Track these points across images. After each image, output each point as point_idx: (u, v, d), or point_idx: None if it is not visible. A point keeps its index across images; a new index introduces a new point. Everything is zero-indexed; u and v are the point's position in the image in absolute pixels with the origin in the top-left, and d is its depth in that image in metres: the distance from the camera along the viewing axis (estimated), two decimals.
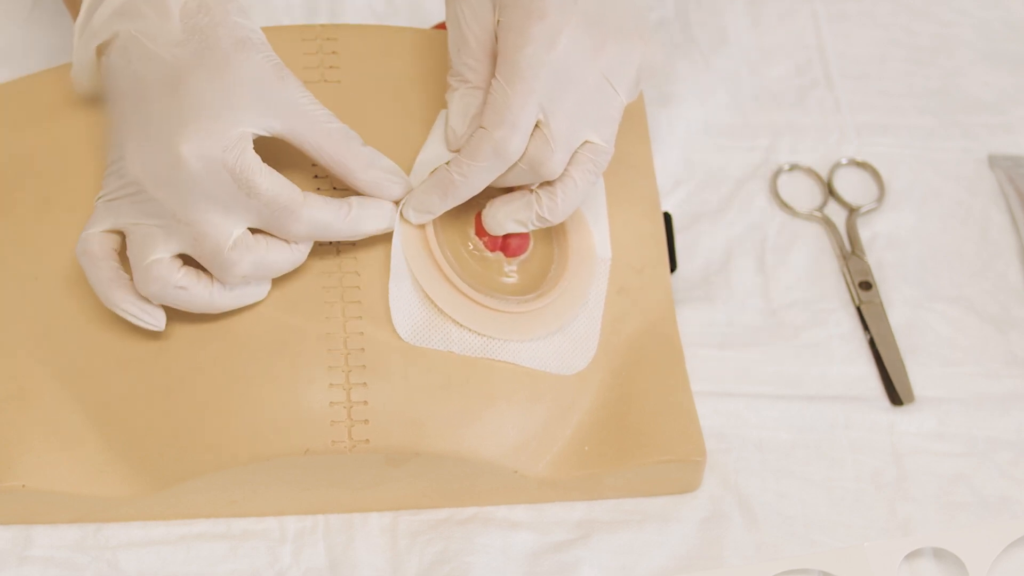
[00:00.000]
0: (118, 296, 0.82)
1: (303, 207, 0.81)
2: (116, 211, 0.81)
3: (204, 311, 0.82)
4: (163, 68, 0.81)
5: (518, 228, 0.85)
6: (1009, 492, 0.91)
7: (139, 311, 0.82)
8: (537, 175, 0.83)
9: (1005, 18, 1.11)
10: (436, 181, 0.84)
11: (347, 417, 0.83)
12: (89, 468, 0.84)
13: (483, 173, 0.83)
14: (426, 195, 0.84)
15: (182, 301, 0.81)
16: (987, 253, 1.00)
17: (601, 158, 0.84)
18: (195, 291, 0.81)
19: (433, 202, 0.84)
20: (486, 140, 0.82)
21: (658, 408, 0.88)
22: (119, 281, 0.82)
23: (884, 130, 1.05)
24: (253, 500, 0.86)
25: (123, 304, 0.82)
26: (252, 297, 0.83)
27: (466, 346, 0.85)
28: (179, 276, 0.81)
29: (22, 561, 0.85)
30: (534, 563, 0.87)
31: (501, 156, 0.82)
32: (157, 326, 0.82)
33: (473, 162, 0.82)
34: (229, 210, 0.80)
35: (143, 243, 0.80)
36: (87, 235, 0.82)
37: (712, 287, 0.98)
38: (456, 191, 0.84)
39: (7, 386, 0.84)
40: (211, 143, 0.79)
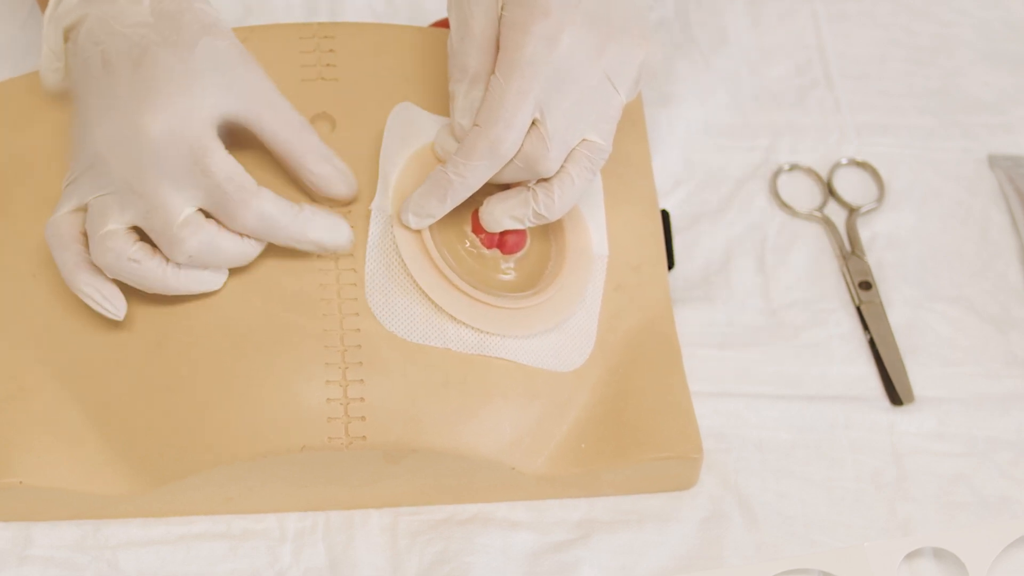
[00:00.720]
0: (81, 279, 0.82)
1: (254, 196, 0.81)
2: (79, 189, 0.82)
3: (156, 290, 0.82)
4: (130, 46, 0.81)
5: (515, 225, 0.85)
6: (1009, 492, 0.91)
7: (99, 295, 0.82)
8: (533, 172, 0.84)
9: (1005, 18, 1.11)
10: (433, 183, 0.84)
11: (344, 414, 0.83)
12: (88, 465, 0.84)
13: (479, 172, 0.83)
14: (424, 198, 0.84)
15: (135, 275, 0.81)
16: (987, 253, 1.00)
17: (598, 156, 0.84)
18: (147, 265, 0.81)
19: (432, 205, 0.84)
20: (481, 138, 0.82)
21: (655, 405, 0.88)
22: (83, 264, 0.82)
23: (884, 130, 1.05)
24: (251, 497, 0.86)
25: (84, 287, 0.82)
26: (205, 284, 0.83)
27: (463, 343, 0.85)
28: (133, 249, 0.81)
29: (22, 561, 0.85)
30: (534, 563, 0.87)
31: (496, 154, 0.82)
32: (116, 314, 0.82)
33: (468, 161, 0.83)
34: (183, 187, 0.80)
35: (99, 214, 0.81)
36: (55, 219, 0.82)
37: (712, 287, 0.98)
38: (454, 192, 0.84)
39: (6, 384, 0.85)
40: (174, 117, 0.80)
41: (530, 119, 0.82)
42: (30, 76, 0.91)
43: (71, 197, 0.82)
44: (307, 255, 0.85)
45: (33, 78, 0.91)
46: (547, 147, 0.82)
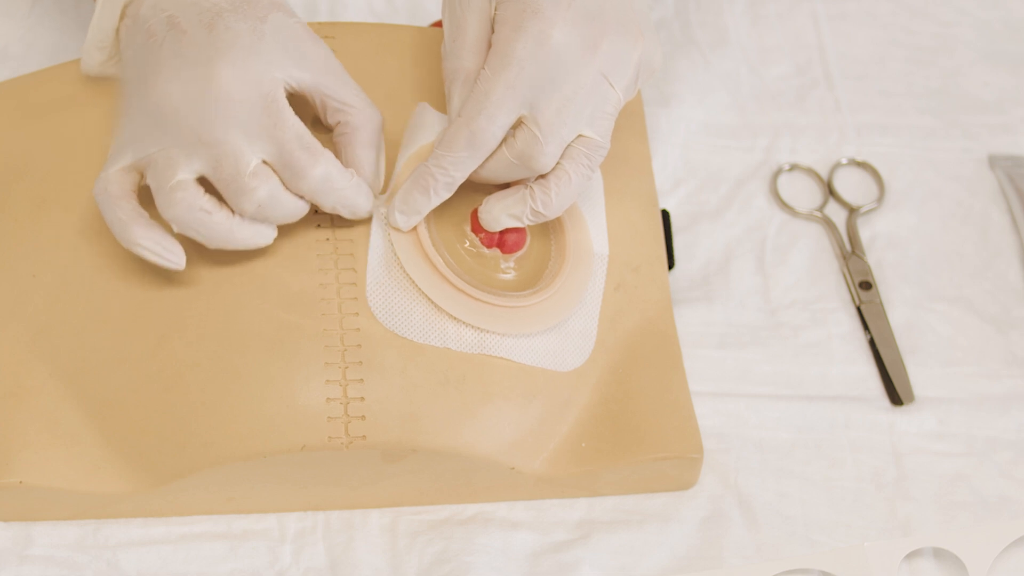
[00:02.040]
0: (138, 234, 0.82)
1: (322, 156, 0.82)
2: (136, 144, 0.82)
3: (220, 243, 0.82)
4: (201, 12, 0.82)
5: (514, 223, 0.85)
6: (1009, 492, 0.91)
7: (159, 247, 0.82)
8: (529, 169, 0.84)
9: (1005, 18, 1.11)
10: (415, 179, 0.84)
11: (344, 413, 0.83)
12: (87, 465, 0.84)
13: (460, 164, 0.83)
14: (408, 194, 0.85)
15: (204, 227, 0.82)
16: (987, 253, 1.00)
17: (596, 152, 0.84)
18: (216, 217, 0.82)
19: (416, 200, 0.84)
20: (462, 129, 0.82)
21: (655, 405, 0.88)
22: (138, 219, 0.82)
23: (884, 130, 1.05)
24: (251, 497, 0.86)
25: (143, 241, 0.82)
26: (264, 237, 0.83)
27: (463, 342, 0.85)
28: (204, 199, 0.81)
29: (22, 560, 0.85)
30: (534, 563, 0.87)
31: (476, 146, 0.82)
32: (177, 263, 0.82)
33: (448, 153, 0.83)
34: (253, 138, 0.81)
35: (166, 166, 0.81)
36: (106, 175, 0.82)
37: (712, 287, 0.98)
38: (436, 185, 0.84)
39: (5, 383, 0.85)
40: (248, 72, 0.81)
41: (515, 114, 0.82)
42: (30, 76, 0.91)
43: (124, 153, 0.82)
44: (307, 255, 0.85)
45: (32, 79, 0.91)
46: (541, 142, 0.82)
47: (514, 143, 0.83)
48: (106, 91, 0.89)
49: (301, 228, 0.86)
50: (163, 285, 0.85)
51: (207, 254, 0.85)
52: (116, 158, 0.82)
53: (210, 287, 0.84)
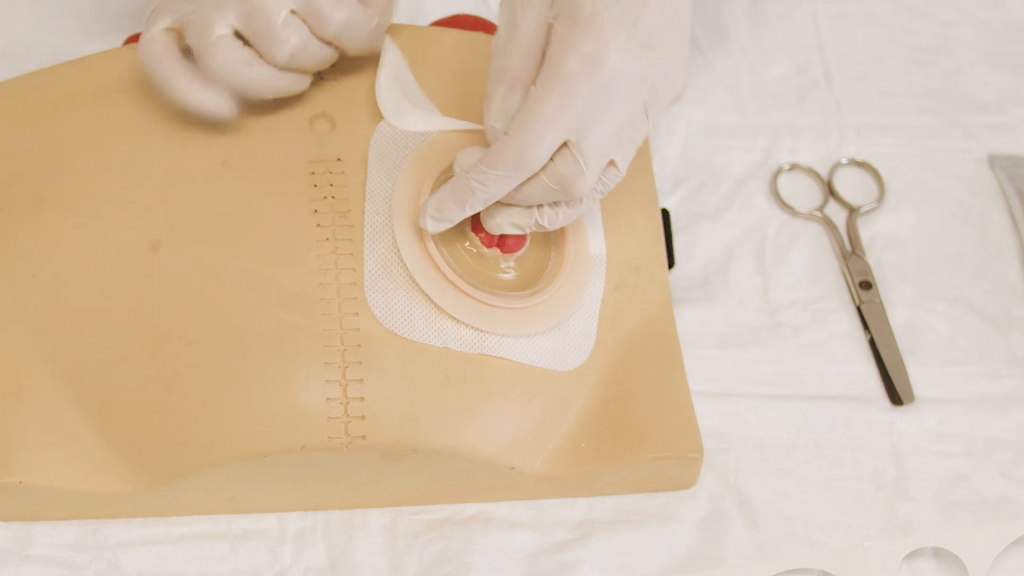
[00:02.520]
0: (186, 86, 0.85)
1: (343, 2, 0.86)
2: (173, 5, 0.85)
3: (260, 92, 0.86)
4: None
5: (514, 231, 0.85)
6: (1009, 492, 0.91)
7: (209, 96, 0.85)
8: (566, 194, 0.82)
9: (1005, 18, 1.11)
10: (454, 189, 0.83)
11: (343, 413, 0.83)
12: (87, 464, 0.84)
13: (501, 182, 0.82)
14: (444, 203, 0.83)
15: (246, 78, 0.85)
16: (987, 253, 1.00)
17: (612, 181, 0.83)
18: (256, 68, 0.85)
19: (451, 210, 0.83)
20: (508, 148, 0.81)
21: (655, 405, 0.88)
22: (186, 72, 0.86)
23: (884, 130, 1.05)
24: (251, 497, 0.86)
25: (193, 91, 0.86)
26: (300, 84, 0.88)
27: (463, 342, 0.85)
28: (245, 52, 0.85)
29: (22, 560, 0.85)
30: (534, 563, 0.87)
31: (521, 166, 0.81)
32: (227, 110, 0.86)
33: (492, 170, 0.81)
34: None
35: (204, 24, 0.85)
36: (149, 35, 0.86)
37: (712, 287, 0.98)
38: (474, 199, 0.83)
39: (5, 383, 0.85)
40: None
41: (562, 137, 0.81)
42: (30, 76, 0.91)
43: (164, 15, 0.86)
44: (307, 254, 0.85)
45: (31, 78, 0.91)
46: (582, 170, 0.81)
47: (554, 168, 0.82)
48: (106, 91, 0.89)
49: (300, 227, 0.86)
50: (163, 285, 0.85)
51: (207, 253, 0.85)
52: (158, 19, 0.86)
53: (210, 287, 0.84)
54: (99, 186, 0.87)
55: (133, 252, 0.85)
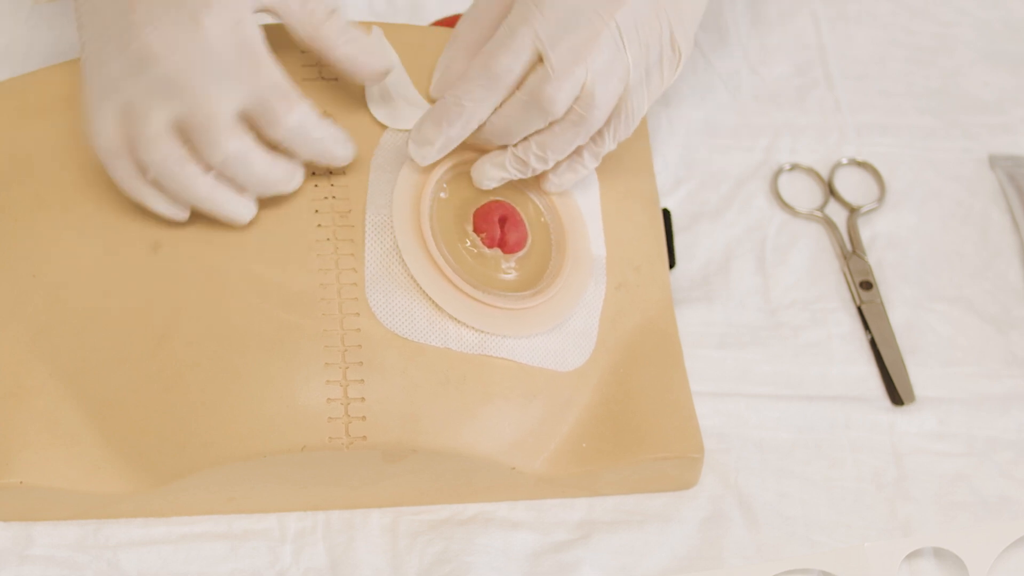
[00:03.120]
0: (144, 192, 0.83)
1: (299, 102, 0.82)
2: (115, 91, 0.82)
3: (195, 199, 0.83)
4: None
5: (498, 172, 0.86)
6: (1009, 492, 0.91)
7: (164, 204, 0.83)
8: (541, 109, 0.83)
9: (1005, 18, 1.11)
10: (432, 110, 0.85)
11: (344, 414, 0.83)
12: (87, 464, 0.84)
13: (477, 95, 0.83)
14: (422, 125, 0.85)
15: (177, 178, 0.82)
16: (987, 253, 1.00)
17: (590, 111, 0.84)
18: (190, 169, 0.82)
19: (429, 130, 0.85)
20: (480, 60, 0.83)
21: (656, 405, 0.88)
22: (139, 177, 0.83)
23: (884, 130, 1.05)
24: (251, 497, 0.86)
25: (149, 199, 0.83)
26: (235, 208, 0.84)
27: (463, 343, 0.85)
28: (181, 150, 0.82)
29: (23, 560, 0.85)
30: (534, 563, 0.87)
31: (492, 77, 0.83)
32: (181, 216, 0.84)
33: (465, 83, 0.84)
34: (230, 85, 0.81)
35: (144, 112, 0.81)
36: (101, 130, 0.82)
37: (712, 287, 0.98)
38: (452, 118, 0.84)
39: (5, 383, 0.85)
40: (228, 14, 0.81)
41: (530, 46, 0.83)
42: (30, 76, 0.91)
43: (106, 101, 0.82)
44: (307, 255, 0.85)
45: (30, 78, 0.91)
46: (552, 80, 0.83)
47: (527, 83, 0.83)
48: None
49: (301, 228, 0.86)
50: (163, 285, 0.85)
51: (207, 253, 0.85)
52: (100, 107, 0.82)
53: (210, 287, 0.84)
54: (99, 186, 0.87)
55: (133, 252, 0.85)
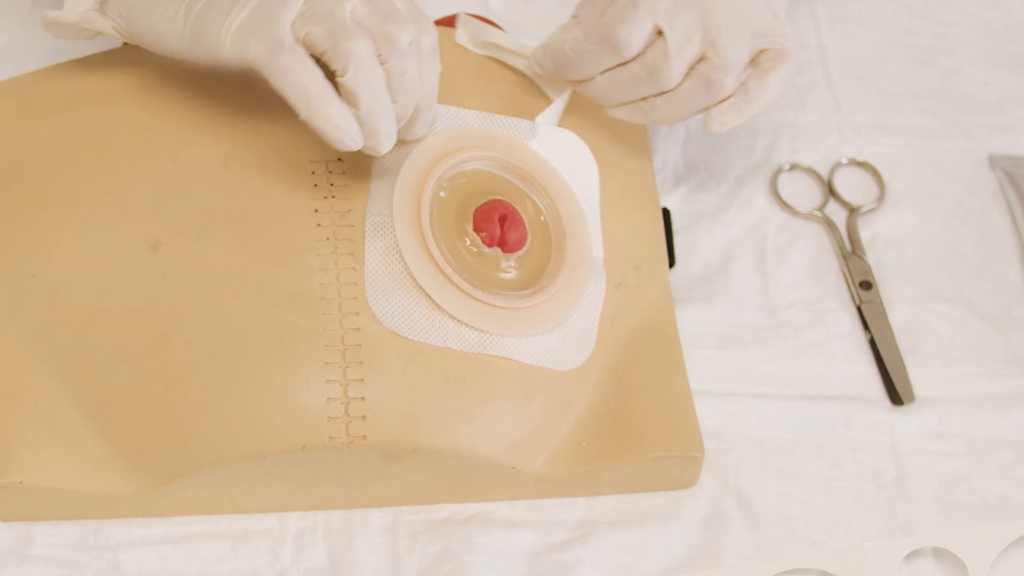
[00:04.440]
0: (334, 110, 0.81)
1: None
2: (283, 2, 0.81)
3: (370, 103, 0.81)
4: None
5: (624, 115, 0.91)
6: (1009, 492, 0.91)
7: (346, 124, 0.82)
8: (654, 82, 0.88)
9: (1005, 18, 1.11)
10: (550, 47, 0.90)
11: (344, 413, 0.83)
12: (87, 464, 0.84)
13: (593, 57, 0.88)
14: (542, 53, 0.90)
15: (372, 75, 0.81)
16: (987, 253, 1.00)
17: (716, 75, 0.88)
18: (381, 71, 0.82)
19: (546, 62, 0.90)
20: (599, 30, 0.87)
21: (656, 404, 0.88)
22: (330, 90, 0.81)
23: (884, 130, 1.05)
24: (252, 497, 0.86)
25: (337, 118, 0.81)
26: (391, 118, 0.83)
27: (463, 342, 0.85)
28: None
29: (23, 560, 0.85)
30: (534, 563, 0.87)
31: (611, 44, 0.87)
32: (355, 142, 0.82)
33: (586, 43, 0.88)
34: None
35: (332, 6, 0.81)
36: (280, 29, 0.80)
37: (712, 287, 0.98)
38: (563, 61, 0.89)
39: (5, 383, 0.85)
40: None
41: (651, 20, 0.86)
42: (30, 76, 0.91)
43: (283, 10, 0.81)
44: (307, 254, 0.85)
45: (30, 78, 0.91)
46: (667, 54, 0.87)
47: (645, 57, 0.87)
48: (106, 91, 0.90)
49: (301, 228, 0.86)
50: (163, 285, 0.85)
51: (207, 253, 0.85)
52: (264, 14, 0.81)
53: (210, 287, 0.84)
54: (99, 186, 0.87)
55: (133, 252, 0.85)
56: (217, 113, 0.88)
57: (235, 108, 0.88)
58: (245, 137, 0.88)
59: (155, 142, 0.88)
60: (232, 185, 0.87)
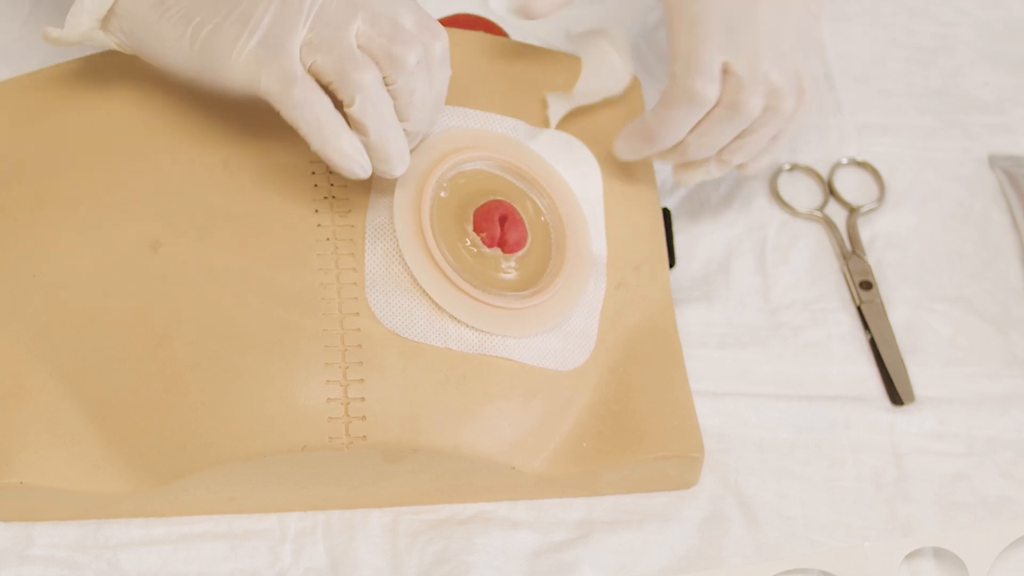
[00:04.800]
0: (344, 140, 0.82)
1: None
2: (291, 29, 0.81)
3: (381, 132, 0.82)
4: None
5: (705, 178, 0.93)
6: (1009, 492, 0.91)
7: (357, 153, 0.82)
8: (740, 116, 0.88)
9: (1005, 18, 1.11)
10: (639, 128, 0.90)
11: (344, 414, 0.83)
12: (87, 464, 0.84)
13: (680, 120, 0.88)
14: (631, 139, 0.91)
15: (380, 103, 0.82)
16: (987, 253, 1.00)
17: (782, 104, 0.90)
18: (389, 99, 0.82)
19: (639, 146, 0.91)
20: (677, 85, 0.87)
21: (656, 404, 0.88)
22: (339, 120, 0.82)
23: (884, 130, 1.05)
24: (252, 497, 0.86)
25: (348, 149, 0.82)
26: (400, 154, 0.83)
27: (463, 342, 0.85)
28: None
29: (23, 560, 0.85)
30: (534, 563, 0.87)
31: (694, 101, 0.87)
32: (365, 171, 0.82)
33: (668, 111, 0.88)
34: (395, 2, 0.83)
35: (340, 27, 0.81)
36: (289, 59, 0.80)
37: (712, 287, 0.98)
38: (650, 137, 0.90)
39: (5, 383, 0.84)
40: None
41: (720, 58, 0.87)
42: (30, 76, 0.91)
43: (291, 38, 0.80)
44: (307, 254, 0.85)
45: (30, 78, 0.91)
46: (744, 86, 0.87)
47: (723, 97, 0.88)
48: (106, 91, 0.89)
49: (301, 228, 0.86)
50: (163, 285, 0.85)
51: (207, 253, 0.85)
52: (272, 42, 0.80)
53: (210, 287, 0.84)
54: (99, 186, 0.87)
55: (133, 252, 0.85)
56: (217, 113, 0.88)
57: (235, 109, 0.88)
58: (245, 137, 0.88)
59: (155, 142, 0.88)
60: (232, 185, 0.87)
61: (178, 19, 0.82)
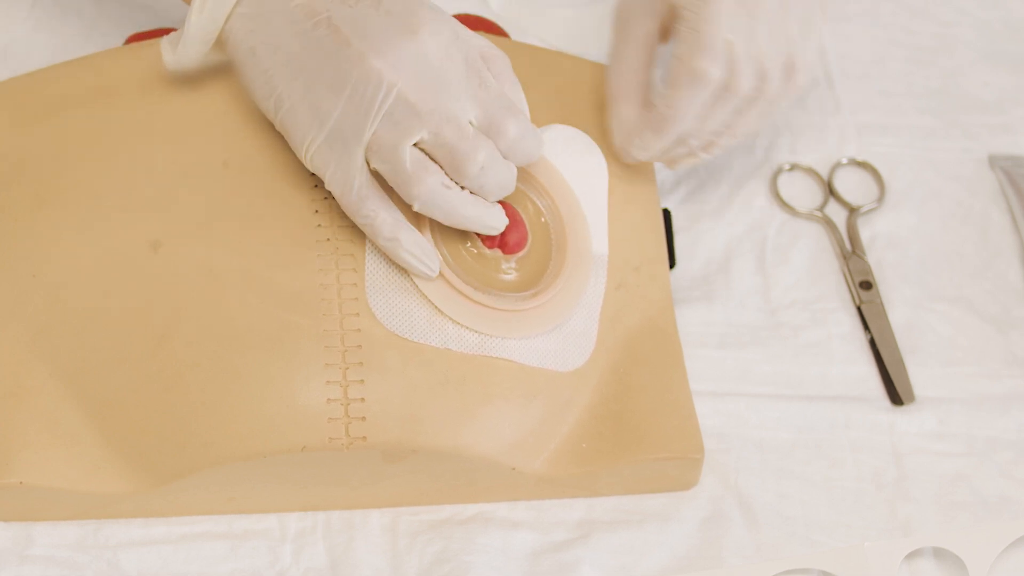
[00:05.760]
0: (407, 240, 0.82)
1: (515, 111, 0.83)
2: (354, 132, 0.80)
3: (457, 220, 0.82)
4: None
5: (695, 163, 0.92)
6: (1009, 492, 0.91)
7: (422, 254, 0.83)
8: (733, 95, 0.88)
9: (1005, 18, 1.11)
10: (646, 119, 0.89)
11: (344, 414, 0.83)
12: (87, 464, 0.84)
13: (686, 100, 0.87)
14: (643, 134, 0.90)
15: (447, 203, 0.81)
16: (987, 253, 1.00)
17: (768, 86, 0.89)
18: (454, 192, 0.82)
19: (651, 139, 0.90)
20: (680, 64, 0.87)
21: (656, 405, 0.88)
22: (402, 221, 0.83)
23: (884, 130, 1.05)
24: (252, 497, 0.86)
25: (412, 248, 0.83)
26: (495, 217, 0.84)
27: (464, 343, 0.85)
28: (443, 176, 0.81)
29: (23, 560, 0.85)
30: (534, 563, 0.87)
31: (697, 77, 0.87)
32: (433, 271, 0.84)
33: (674, 91, 0.87)
34: (462, 98, 0.81)
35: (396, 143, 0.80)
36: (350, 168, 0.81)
37: (712, 287, 0.98)
38: (666, 124, 0.89)
39: (5, 383, 0.84)
40: (445, 28, 0.82)
41: (724, 38, 0.86)
42: (30, 76, 0.91)
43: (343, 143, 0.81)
44: (307, 254, 0.85)
45: (33, 78, 0.91)
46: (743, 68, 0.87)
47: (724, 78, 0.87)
48: (107, 90, 0.89)
49: (301, 228, 0.86)
50: (163, 285, 0.85)
51: (207, 253, 0.85)
52: (339, 155, 0.81)
53: (210, 287, 0.84)
54: (99, 186, 0.87)
55: (133, 252, 0.85)
56: (217, 113, 0.88)
57: (235, 108, 0.88)
58: (245, 137, 0.88)
59: (155, 142, 0.88)
60: (232, 185, 0.87)
61: (263, 81, 0.83)
